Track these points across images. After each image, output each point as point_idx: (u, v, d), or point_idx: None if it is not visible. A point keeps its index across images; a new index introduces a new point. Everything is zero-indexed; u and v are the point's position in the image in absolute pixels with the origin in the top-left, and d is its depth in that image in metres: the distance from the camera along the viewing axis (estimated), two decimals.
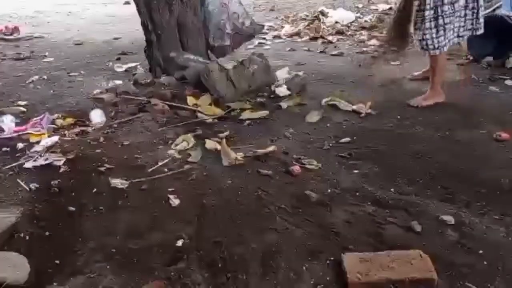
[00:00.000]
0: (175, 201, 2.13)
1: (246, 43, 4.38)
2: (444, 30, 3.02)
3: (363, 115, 3.02)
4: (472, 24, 3.11)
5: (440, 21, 3.00)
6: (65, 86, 3.90)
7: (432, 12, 3.00)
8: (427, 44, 3.07)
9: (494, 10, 4.95)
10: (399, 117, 3.00)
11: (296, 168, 2.35)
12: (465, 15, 3.07)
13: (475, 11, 3.08)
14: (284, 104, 3.23)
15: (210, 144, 2.67)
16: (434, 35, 3.03)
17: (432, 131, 2.79)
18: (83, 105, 3.37)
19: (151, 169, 2.43)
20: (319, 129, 2.88)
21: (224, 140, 2.64)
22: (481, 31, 3.14)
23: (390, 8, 6.32)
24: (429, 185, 2.22)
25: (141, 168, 2.44)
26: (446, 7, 2.99)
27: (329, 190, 2.18)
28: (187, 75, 3.56)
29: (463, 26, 3.10)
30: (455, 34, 3.11)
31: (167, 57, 3.75)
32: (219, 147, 2.61)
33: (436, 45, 3.05)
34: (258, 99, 3.36)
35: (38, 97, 3.64)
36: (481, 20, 3.10)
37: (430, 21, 3.01)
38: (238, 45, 4.18)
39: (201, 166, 2.46)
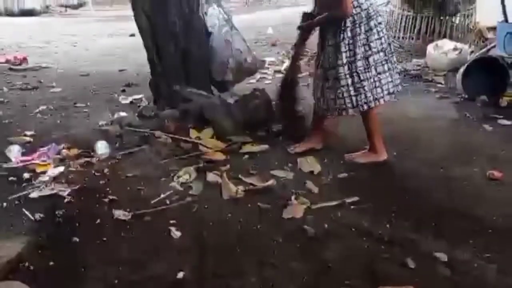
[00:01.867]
0: (176, 233, 2.19)
1: (248, 78, 4.51)
2: (363, 87, 2.80)
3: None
4: (398, 78, 2.94)
5: (356, 79, 2.78)
6: (71, 117, 4.00)
7: (346, 68, 2.79)
8: (345, 104, 2.83)
9: (488, 50, 5.14)
10: (395, 153, 3.09)
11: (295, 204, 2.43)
12: (389, 69, 2.85)
13: (395, 65, 2.91)
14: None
15: (211, 177, 2.75)
16: (352, 93, 2.80)
17: (427, 168, 2.87)
18: (88, 136, 3.45)
19: (153, 201, 2.50)
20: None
21: (225, 174, 2.72)
22: (400, 88, 2.96)
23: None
24: (423, 221, 2.28)
25: (144, 200, 2.51)
26: (359, 63, 2.77)
27: (326, 225, 2.24)
28: (190, 108, 3.67)
29: (391, 82, 2.87)
30: (385, 92, 2.85)
31: (171, 91, 3.87)
32: (220, 180, 2.69)
33: (355, 103, 2.82)
34: (259, 133, 3.45)
35: (45, 127, 3.74)
36: (391, 84, 2.88)
37: (346, 79, 2.79)
38: (240, 80, 4.31)
39: (202, 199, 2.53)
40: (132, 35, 7.75)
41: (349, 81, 2.79)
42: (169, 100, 3.92)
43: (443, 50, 5.27)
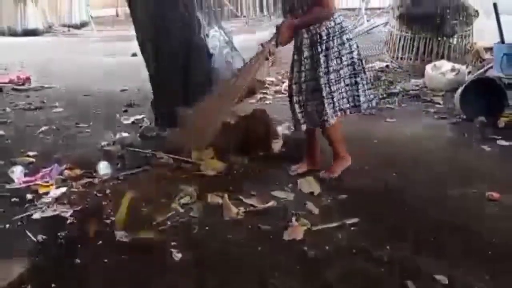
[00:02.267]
0: (177, 255, 2.20)
1: (248, 98, 4.56)
2: (333, 98, 2.86)
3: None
4: (365, 95, 2.95)
5: (328, 89, 2.84)
6: (74, 137, 4.04)
7: (325, 79, 2.84)
8: (327, 114, 2.86)
9: (485, 71, 5.20)
10: (394, 174, 3.12)
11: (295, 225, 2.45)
12: (357, 83, 2.91)
13: (365, 81, 2.95)
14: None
15: (212, 198, 2.77)
16: (329, 103, 2.86)
17: (426, 189, 2.89)
18: (90, 156, 3.48)
19: (154, 222, 2.52)
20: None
21: (226, 195, 2.74)
22: (374, 103, 3.03)
23: (387, 66, 6.59)
24: (423, 242, 2.30)
25: (145, 221, 2.53)
26: (332, 75, 2.84)
27: (326, 247, 2.26)
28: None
29: (358, 96, 2.93)
30: (351, 104, 2.94)
31: (172, 111, 3.91)
32: (221, 201, 2.71)
33: (325, 117, 2.87)
34: (260, 153, 3.48)
35: (47, 147, 3.78)
36: (362, 98, 2.93)
37: (325, 89, 2.84)
38: (240, 100, 4.35)
39: (203, 220, 2.55)
40: (134, 54, 7.84)
41: (327, 91, 2.86)
42: (170, 120, 3.96)
43: (441, 71, 5.34)
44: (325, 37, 2.83)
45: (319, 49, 2.84)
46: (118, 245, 2.30)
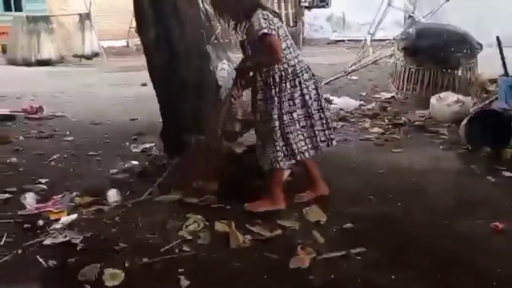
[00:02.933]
0: (185, 282, 2.24)
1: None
2: (288, 140, 2.90)
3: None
4: (325, 135, 3.00)
5: (283, 131, 2.89)
6: (84, 165, 4.12)
7: (277, 121, 2.88)
8: (278, 156, 2.90)
9: (490, 102, 5.27)
10: (399, 204, 3.15)
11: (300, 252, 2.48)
12: (312, 125, 2.95)
13: (324, 121, 2.98)
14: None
15: (219, 226, 2.81)
16: (282, 145, 2.90)
17: (431, 219, 2.92)
18: (100, 184, 3.55)
19: (162, 249, 2.56)
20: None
21: (233, 223, 2.79)
22: (334, 143, 3.05)
23: (393, 97, 6.68)
24: (428, 272, 2.31)
25: (154, 248, 2.57)
26: (285, 117, 2.88)
27: (332, 276, 2.28)
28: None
29: (314, 137, 2.97)
30: (309, 146, 2.97)
31: (181, 141, 3.99)
32: (227, 229, 2.75)
33: (276, 159, 2.91)
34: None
35: (58, 175, 3.85)
36: (321, 138, 2.98)
37: (278, 131, 2.88)
38: (247, 130, 4.44)
39: (210, 247, 2.59)
40: (144, 84, 8.01)
41: (279, 133, 2.89)
42: (179, 149, 4.04)
43: (446, 102, 5.41)
44: (278, 80, 2.89)
45: (272, 92, 2.90)
46: (127, 271, 2.34)
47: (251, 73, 3.04)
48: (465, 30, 6.53)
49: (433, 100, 5.55)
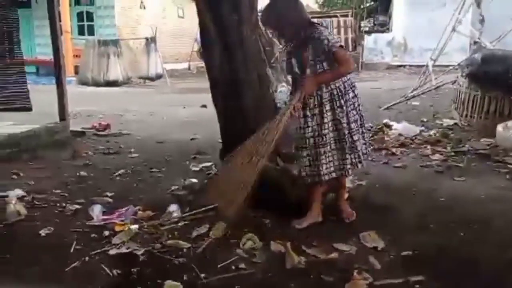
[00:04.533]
0: None
1: None
2: (356, 148, 3.05)
3: None
4: (366, 147, 3.17)
5: (350, 140, 3.04)
6: (147, 181, 4.31)
7: (312, 140, 3.05)
8: (342, 166, 3.07)
9: None
10: (462, 234, 3.04)
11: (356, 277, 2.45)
12: (337, 148, 3.06)
13: (363, 135, 3.14)
14: None
15: (275, 246, 2.84)
16: (347, 155, 3.05)
17: (496, 251, 2.79)
18: (161, 199, 3.70)
19: (219, 266, 2.62)
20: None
21: (288, 243, 2.80)
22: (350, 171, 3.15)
23: (455, 124, 6.47)
24: None
25: (210, 264, 2.64)
26: (352, 125, 3.04)
27: None
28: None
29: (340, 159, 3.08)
30: (336, 167, 3.08)
31: None
32: (283, 249, 2.78)
33: (347, 166, 3.08)
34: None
35: (123, 189, 4.05)
36: (349, 159, 3.06)
37: (329, 145, 3.04)
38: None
39: (266, 266, 2.62)
40: (204, 106, 8.29)
41: (350, 141, 3.05)
42: None
43: None
44: (343, 91, 3.03)
45: (339, 103, 3.03)
46: (186, 285, 2.42)
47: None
48: None
49: (499, 128, 5.32)
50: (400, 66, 16.92)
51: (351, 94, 3.07)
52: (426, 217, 3.27)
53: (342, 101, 3.03)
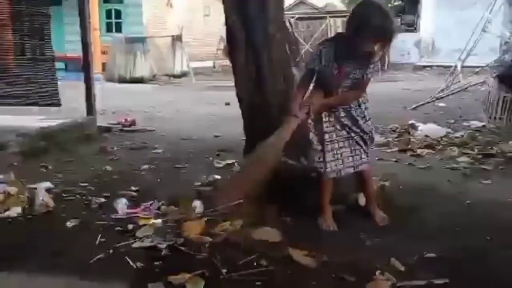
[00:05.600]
0: None
1: None
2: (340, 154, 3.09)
3: None
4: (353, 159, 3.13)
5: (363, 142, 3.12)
6: (171, 177, 4.36)
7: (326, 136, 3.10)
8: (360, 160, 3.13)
9: None
10: (488, 238, 2.97)
11: None
12: (350, 145, 3.11)
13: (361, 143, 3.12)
14: None
15: (294, 253, 2.81)
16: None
17: None
18: (185, 195, 3.73)
19: (240, 262, 2.64)
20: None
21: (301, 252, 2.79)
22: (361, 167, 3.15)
23: (484, 126, 6.34)
24: None
25: (233, 260, 2.66)
26: (331, 131, 3.10)
27: None
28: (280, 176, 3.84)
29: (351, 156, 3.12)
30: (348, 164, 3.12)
31: None
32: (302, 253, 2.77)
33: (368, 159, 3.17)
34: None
35: (147, 184, 4.12)
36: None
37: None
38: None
39: (287, 264, 2.61)
40: (227, 104, 8.33)
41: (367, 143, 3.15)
42: None
43: None
44: (362, 104, 3.10)
45: (355, 114, 3.08)
46: (209, 275, 2.44)
47: None
48: None
49: None
50: (426, 66, 16.64)
51: (364, 106, 3.13)
52: (451, 220, 3.22)
53: (356, 113, 3.09)
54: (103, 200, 3.65)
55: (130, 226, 3.11)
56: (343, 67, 2.96)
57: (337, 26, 15.44)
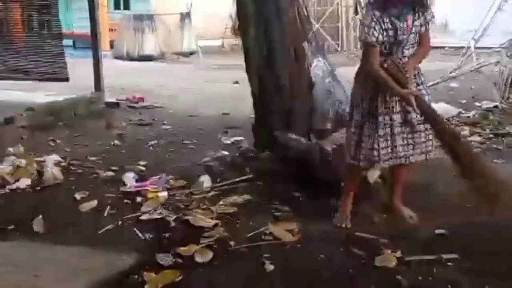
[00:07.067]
0: (269, 267, 2.29)
1: (345, 128, 4.58)
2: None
3: None
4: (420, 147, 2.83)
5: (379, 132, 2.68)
6: (179, 152, 4.36)
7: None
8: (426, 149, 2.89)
9: None
10: (499, 216, 2.93)
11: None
12: (406, 132, 2.78)
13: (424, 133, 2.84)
14: None
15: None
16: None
17: None
18: (192, 170, 3.73)
19: (249, 235, 2.63)
20: None
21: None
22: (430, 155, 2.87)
23: (496, 106, 6.23)
24: None
25: (241, 232, 2.65)
26: (380, 118, 2.70)
27: (419, 278, 2.20)
28: (289, 153, 3.81)
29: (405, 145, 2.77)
30: (400, 154, 2.75)
31: (272, 136, 4.05)
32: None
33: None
34: None
35: (155, 159, 4.11)
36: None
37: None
38: (337, 130, 4.39)
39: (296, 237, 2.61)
40: (236, 82, 8.26)
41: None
42: (269, 144, 4.10)
43: None
44: (421, 73, 2.88)
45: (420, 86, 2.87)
46: (215, 251, 2.44)
47: None
48: None
49: None
50: (439, 47, 16.36)
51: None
52: (463, 198, 3.17)
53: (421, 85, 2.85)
54: (111, 174, 3.65)
55: (138, 199, 3.12)
56: (407, 16, 2.60)
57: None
